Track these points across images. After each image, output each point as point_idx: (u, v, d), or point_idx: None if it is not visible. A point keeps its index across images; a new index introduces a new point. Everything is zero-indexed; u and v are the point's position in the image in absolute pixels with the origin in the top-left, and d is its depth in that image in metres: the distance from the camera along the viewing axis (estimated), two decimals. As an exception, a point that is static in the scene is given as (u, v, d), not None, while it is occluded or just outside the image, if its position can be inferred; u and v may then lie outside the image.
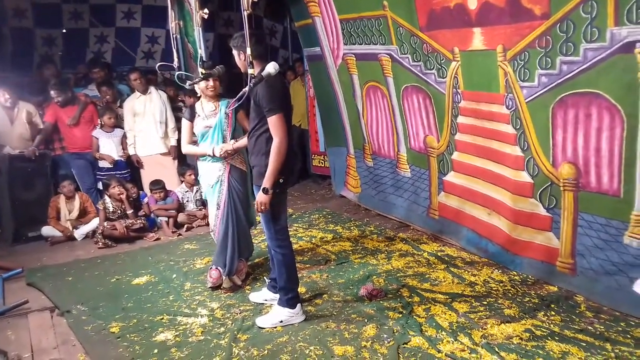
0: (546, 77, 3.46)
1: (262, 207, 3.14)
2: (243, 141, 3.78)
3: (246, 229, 4.05)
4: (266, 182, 3.11)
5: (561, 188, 3.58)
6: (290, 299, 3.34)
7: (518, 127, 3.80)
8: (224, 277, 3.90)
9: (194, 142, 4.05)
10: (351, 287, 3.85)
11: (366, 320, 3.33)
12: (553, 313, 3.31)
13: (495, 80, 3.86)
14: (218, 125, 3.85)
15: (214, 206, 3.97)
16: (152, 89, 5.99)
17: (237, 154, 3.93)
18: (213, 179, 3.91)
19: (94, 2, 7.17)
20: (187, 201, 5.78)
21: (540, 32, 3.39)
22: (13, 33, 6.64)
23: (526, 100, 3.66)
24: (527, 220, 3.90)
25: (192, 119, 3.95)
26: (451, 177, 4.69)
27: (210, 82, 3.82)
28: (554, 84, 3.42)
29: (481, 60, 3.92)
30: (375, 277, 4.01)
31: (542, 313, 3.31)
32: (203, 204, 5.73)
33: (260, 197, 3.12)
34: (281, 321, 3.31)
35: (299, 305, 3.37)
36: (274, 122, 3.10)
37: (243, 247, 4.02)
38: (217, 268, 3.91)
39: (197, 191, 5.78)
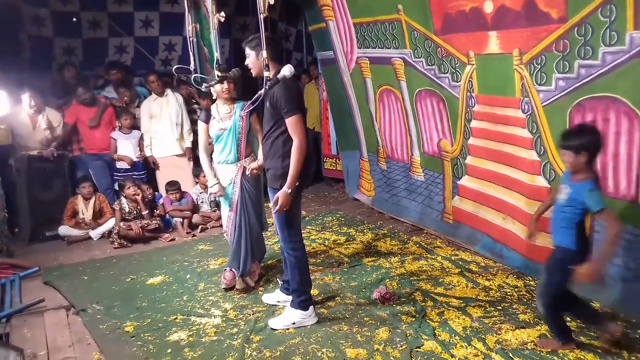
0: (564, 81, 3.43)
1: (284, 209, 3.13)
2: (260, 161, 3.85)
3: (258, 231, 4.07)
4: (288, 183, 3.11)
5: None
6: (302, 301, 3.34)
7: (534, 131, 3.76)
8: (237, 279, 3.91)
9: (210, 144, 4.08)
10: (364, 290, 3.84)
11: (379, 323, 3.32)
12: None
13: (511, 84, 3.83)
14: (232, 128, 3.88)
15: (227, 207, 4.00)
16: (168, 91, 6.06)
17: (251, 157, 3.96)
18: (226, 180, 3.95)
19: (112, 10, 7.25)
20: (202, 202, 5.82)
21: (557, 36, 3.36)
22: (31, 40, 6.73)
23: (543, 104, 3.62)
24: (543, 225, 3.84)
25: (207, 121, 3.98)
26: (465, 181, 4.66)
27: (225, 85, 3.84)
28: (571, 88, 3.39)
29: (497, 63, 3.90)
30: (388, 280, 4.00)
31: (558, 319, 3.27)
32: (217, 205, 5.76)
33: (282, 199, 3.11)
34: (294, 323, 3.32)
35: (311, 307, 3.37)
36: (293, 123, 3.11)
37: (255, 249, 4.04)
38: (231, 270, 3.93)
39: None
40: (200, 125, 4.06)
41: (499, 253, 4.29)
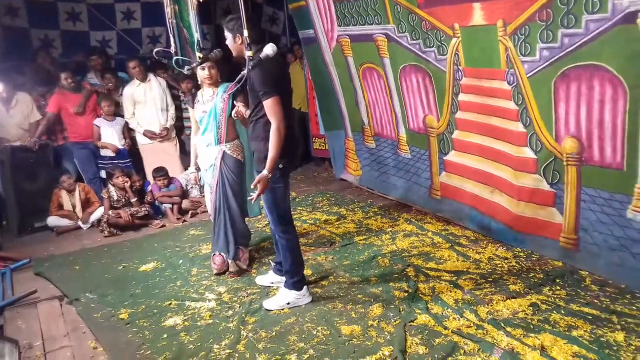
0: (547, 51, 3.42)
1: (261, 188, 3.08)
2: None
3: (239, 215, 4.01)
4: (267, 166, 3.09)
5: (564, 163, 3.57)
6: (296, 282, 3.36)
7: (520, 102, 3.77)
8: (229, 261, 3.92)
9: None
10: (356, 269, 3.88)
11: (372, 300, 3.35)
12: (558, 288, 3.33)
13: (496, 55, 3.82)
14: (212, 110, 3.84)
15: (209, 191, 4.01)
16: (151, 76, 5.98)
17: (234, 141, 3.93)
18: (207, 163, 3.94)
19: (91, 2, 7.05)
20: (192, 187, 5.79)
21: (540, 5, 3.34)
22: (5, 30, 6.55)
23: (527, 75, 3.62)
24: (530, 197, 3.90)
25: (193, 105, 3.96)
26: (452, 156, 4.68)
27: (207, 72, 3.80)
28: (555, 58, 3.39)
29: (482, 35, 3.88)
30: (380, 257, 4.03)
31: (547, 288, 3.33)
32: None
33: (261, 183, 3.07)
34: (288, 303, 3.34)
35: (305, 287, 3.40)
36: (269, 105, 3.06)
37: (238, 235, 4.00)
38: (219, 254, 3.93)
39: (201, 177, 5.79)
40: (190, 110, 4.06)
41: (487, 226, 4.33)
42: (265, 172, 3.07)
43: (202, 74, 3.83)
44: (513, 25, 3.59)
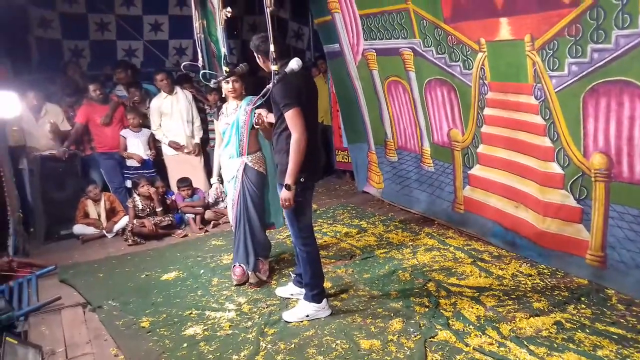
0: (576, 66, 3.39)
1: (287, 204, 3.14)
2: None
3: (260, 228, 4.01)
4: (288, 179, 3.10)
5: (592, 179, 3.50)
6: (316, 295, 3.35)
7: (547, 117, 3.73)
8: (249, 273, 3.93)
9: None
10: (377, 282, 3.84)
11: (392, 314, 3.32)
12: (583, 306, 3.25)
13: (523, 70, 3.79)
14: (235, 122, 3.89)
15: (231, 203, 4.04)
16: (177, 88, 6.08)
17: (257, 154, 3.97)
18: (230, 175, 3.98)
19: (120, 12, 7.24)
20: (221, 200, 5.78)
21: (569, 20, 3.32)
22: (38, 42, 6.76)
23: (556, 90, 3.58)
24: (557, 212, 3.83)
25: (218, 117, 4.03)
26: (477, 170, 4.63)
27: (231, 85, 3.86)
28: (584, 73, 3.35)
29: (508, 50, 3.87)
30: (400, 271, 4.00)
31: (572, 306, 3.25)
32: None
33: (284, 194, 3.11)
34: (307, 315, 3.33)
35: (325, 300, 3.38)
36: (290, 117, 3.08)
37: (257, 246, 4.00)
38: (240, 265, 3.94)
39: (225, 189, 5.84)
40: (215, 123, 4.13)
41: (511, 242, 4.26)
42: (286, 187, 3.09)
43: (226, 87, 3.89)
44: (541, 40, 3.56)
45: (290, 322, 3.32)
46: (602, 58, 3.22)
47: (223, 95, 4.04)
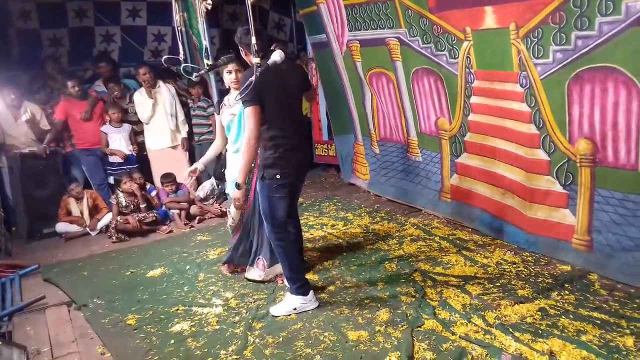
0: (561, 53, 3.41)
1: (237, 203, 3.13)
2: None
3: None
4: (238, 177, 3.11)
5: (578, 164, 3.54)
6: (299, 287, 3.34)
7: (533, 104, 3.75)
8: (268, 269, 3.84)
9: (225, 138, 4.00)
10: (363, 273, 3.85)
11: (379, 305, 3.33)
12: (567, 292, 3.29)
13: (508, 58, 3.81)
14: (241, 112, 3.80)
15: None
16: (160, 82, 6.01)
17: None
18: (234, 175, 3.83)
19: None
20: (212, 197, 5.71)
21: (553, 8, 3.34)
22: (19, 34, 6.64)
23: (541, 78, 3.61)
24: (543, 198, 3.87)
25: (219, 111, 3.93)
26: (464, 158, 4.65)
27: (233, 75, 3.75)
28: (569, 60, 3.38)
29: (494, 39, 3.88)
30: (387, 262, 4.01)
31: (556, 293, 3.29)
32: (219, 197, 5.76)
33: (234, 193, 3.09)
34: (295, 309, 3.32)
35: (311, 292, 3.38)
36: (246, 114, 3.12)
37: (265, 245, 3.82)
38: (262, 258, 3.85)
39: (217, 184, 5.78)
40: (216, 117, 4.01)
41: (498, 229, 4.30)
42: (236, 186, 3.11)
43: (229, 78, 3.76)
44: (525, 29, 3.58)
45: (278, 317, 3.31)
46: (586, 45, 3.24)
47: (208, 89, 3.97)
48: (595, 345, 2.67)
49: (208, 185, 5.45)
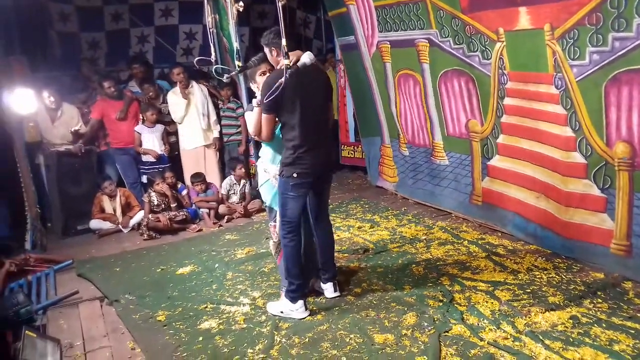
0: (597, 55, 3.34)
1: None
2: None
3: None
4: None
5: (616, 168, 3.46)
6: (290, 292, 3.32)
7: (568, 107, 3.68)
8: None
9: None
10: (390, 276, 3.83)
11: (406, 308, 3.30)
12: (600, 300, 3.21)
13: (543, 59, 3.74)
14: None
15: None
16: (192, 82, 6.11)
17: None
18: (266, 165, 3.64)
19: (133, 1, 7.31)
20: (233, 193, 5.84)
21: (589, 9, 3.27)
22: (59, 37, 6.85)
23: (577, 79, 3.53)
24: (580, 202, 3.78)
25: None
26: (496, 161, 4.57)
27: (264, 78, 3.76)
28: (606, 62, 3.30)
29: (528, 39, 3.82)
30: (414, 266, 3.98)
31: (589, 300, 3.21)
32: (243, 197, 5.83)
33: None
34: (282, 312, 3.34)
35: (300, 302, 3.32)
36: (263, 120, 3.20)
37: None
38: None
39: (243, 185, 5.87)
40: (264, 117, 3.56)
41: (532, 233, 4.21)
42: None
43: (260, 80, 3.78)
44: (561, 29, 3.51)
45: (270, 313, 3.36)
46: (623, 46, 3.17)
47: (237, 91, 3.99)
48: (628, 355, 2.60)
49: (226, 182, 5.51)
